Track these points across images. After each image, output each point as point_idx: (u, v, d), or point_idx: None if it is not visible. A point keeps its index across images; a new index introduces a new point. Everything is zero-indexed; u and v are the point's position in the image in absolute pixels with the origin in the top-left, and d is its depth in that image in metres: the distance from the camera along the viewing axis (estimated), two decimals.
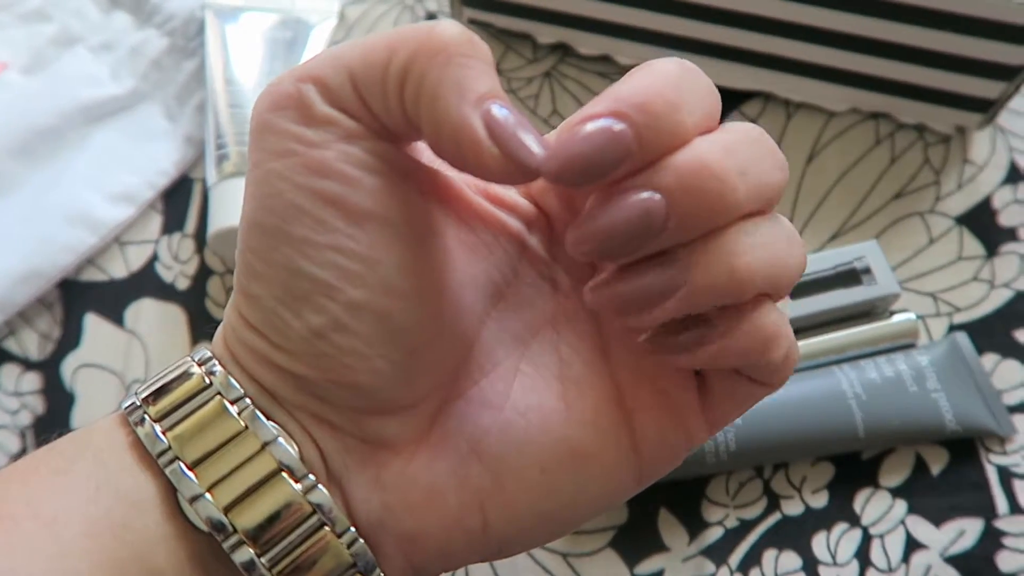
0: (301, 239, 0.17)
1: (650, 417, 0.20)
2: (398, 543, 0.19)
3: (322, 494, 0.18)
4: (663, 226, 0.17)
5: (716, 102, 0.18)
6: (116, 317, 0.36)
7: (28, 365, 0.35)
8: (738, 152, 0.17)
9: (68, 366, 0.35)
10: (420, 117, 0.17)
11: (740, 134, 0.17)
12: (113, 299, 0.36)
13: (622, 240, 0.17)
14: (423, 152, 0.19)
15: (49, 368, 0.35)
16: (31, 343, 0.35)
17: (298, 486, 0.18)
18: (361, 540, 0.18)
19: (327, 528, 0.18)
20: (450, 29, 0.16)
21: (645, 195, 0.17)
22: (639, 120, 0.16)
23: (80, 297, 0.36)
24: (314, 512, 0.18)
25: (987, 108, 0.35)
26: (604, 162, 0.16)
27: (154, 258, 0.37)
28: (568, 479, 0.19)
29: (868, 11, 0.32)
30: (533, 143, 0.16)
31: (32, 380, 0.35)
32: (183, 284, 0.36)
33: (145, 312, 0.36)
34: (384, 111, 0.17)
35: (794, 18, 0.33)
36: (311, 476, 0.18)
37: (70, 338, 0.35)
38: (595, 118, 0.17)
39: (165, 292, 0.36)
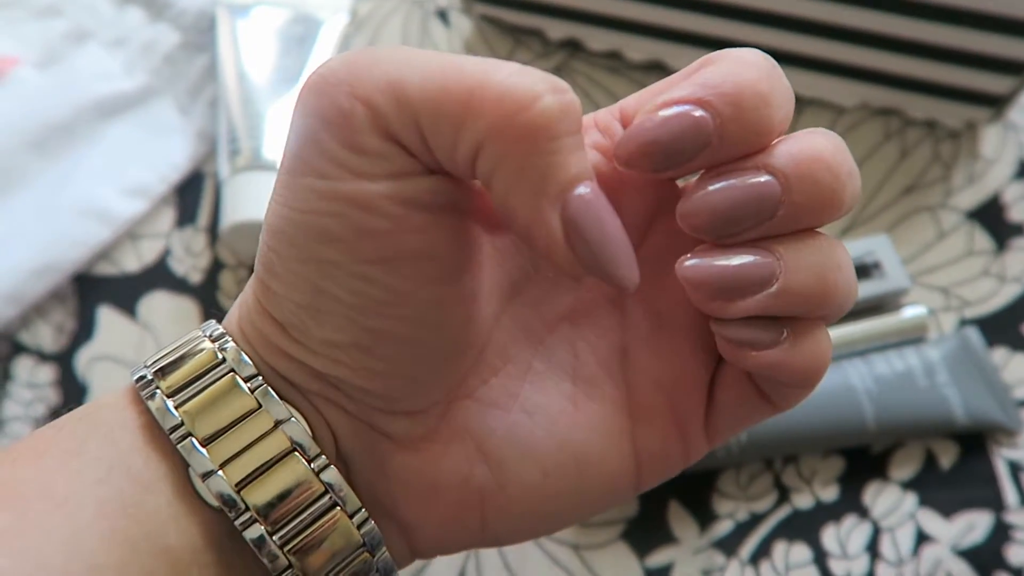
0: (331, 262, 0.16)
1: (655, 426, 0.20)
2: (398, 529, 0.19)
3: (334, 474, 0.18)
4: (774, 211, 0.16)
5: (793, 104, 0.17)
6: (129, 310, 0.36)
7: (42, 357, 0.35)
8: (845, 154, 0.17)
9: (82, 358, 0.35)
10: (491, 190, 0.15)
11: (835, 139, 0.17)
12: (126, 292, 0.36)
13: (732, 218, 0.16)
14: None
15: (63, 360, 0.35)
16: (45, 336, 0.36)
17: (310, 465, 0.18)
18: (371, 521, 0.18)
19: (338, 508, 0.18)
20: (542, 104, 0.15)
21: (760, 178, 0.16)
22: (725, 111, 0.16)
23: (94, 290, 0.36)
24: (326, 492, 0.18)
25: (997, 103, 0.35)
26: (680, 151, 0.16)
27: (167, 252, 0.37)
28: (569, 484, 0.19)
29: (878, 6, 0.32)
30: (613, 250, 0.15)
31: (46, 372, 0.35)
32: (196, 278, 0.36)
33: (158, 305, 0.36)
34: (448, 164, 0.16)
35: (804, 14, 0.34)
36: (323, 456, 0.18)
37: (84, 331, 0.36)
38: (677, 103, 0.16)
39: (178, 285, 0.36)
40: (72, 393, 0.35)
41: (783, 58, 0.36)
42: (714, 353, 0.20)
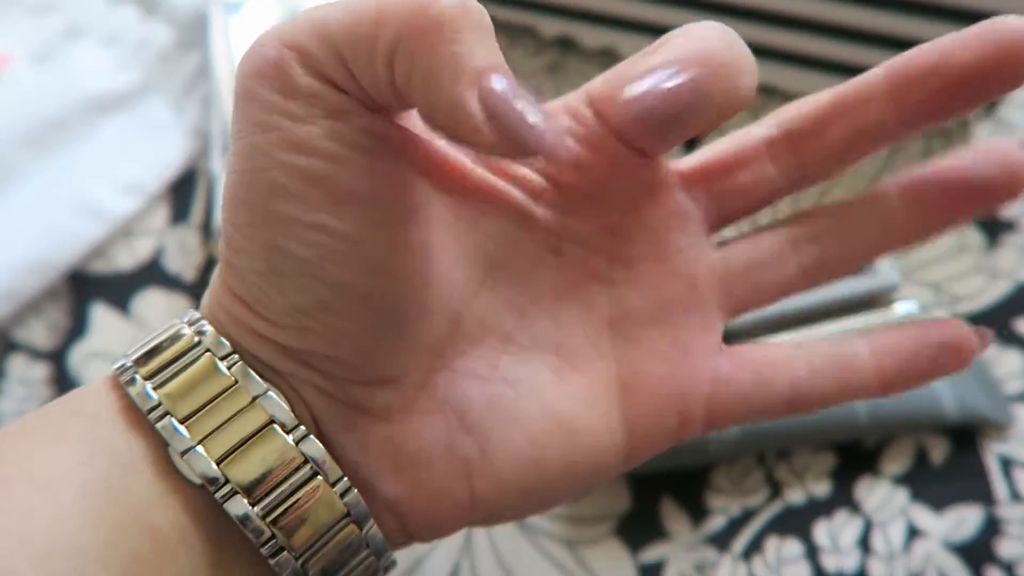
0: (284, 217, 0.17)
1: (649, 399, 0.20)
2: (387, 510, 0.19)
3: (314, 445, 0.18)
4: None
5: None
6: (123, 307, 0.36)
7: (36, 354, 0.35)
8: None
9: (75, 356, 0.35)
10: (413, 95, 0.16)
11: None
12: (120, 290, 0.36)
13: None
14: (416, 121, 0.19)
15: (56, 358, 0.35)
16: (39, 333, 0.36)
17: (289, 437, 0.18)
18: (355, 490, 0.18)
19: (320, 478, 0.18)
20: (443, 1, 0.15)
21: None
22: (699, 76, 0.17)
23: (87, 288, 0.36)
24: (306, 462, 0.18)
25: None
26: (677, 120, 0.17)
27: (160, 249, 0.37)
28: (556, 453, 0.19)
29: (870, 4, 0.33)
30: (533, 119, 0.15)
31: (40, 369, 0.35)
32: (189, 275, 0.36)
33: (152, 303, 0.36)
34: (373, 86, 0.16)
35: (796, 11, 0.34)
36: (302, 427, 0.18)
37: (77, 328, 0.36)
38: (653, 70, 0.17)
39: (171, 283, 0.36)
40: (65, 390, 0.35)
41: (775, 54, 0.36)
42: (715, 328, 0.20)
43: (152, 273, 0.37)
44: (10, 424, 0.18)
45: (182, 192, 0.38)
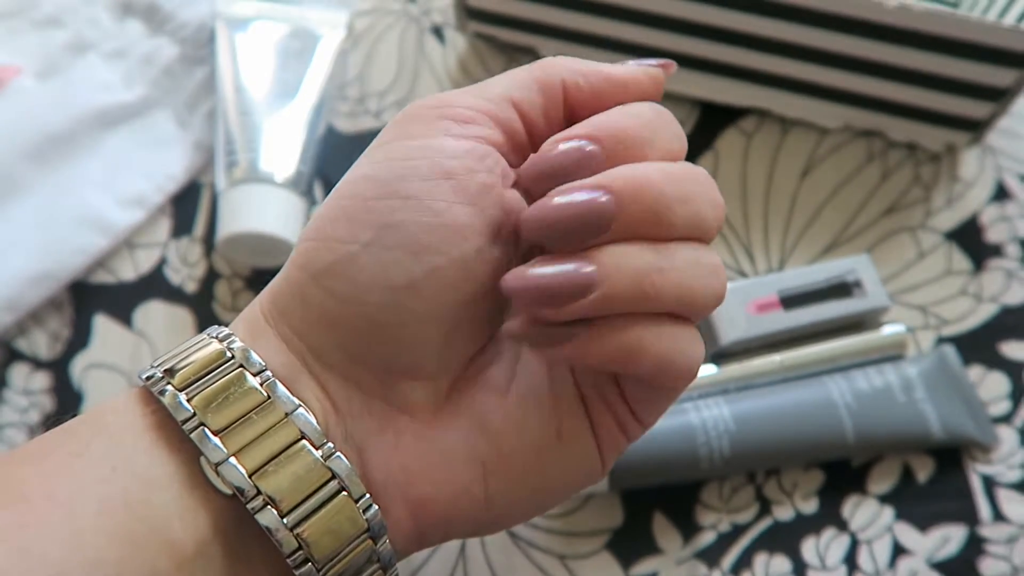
0: (407, 195, 0.19)
1: (599, 417, 0.22)
2: (409, 507, 0.20)
3: (341, 462, 0.19)
4: (608, 224, 0.18)
5: (680, 145, 0.20)
6: (125, 318, 0.36)
7: (38, 364, 0.36)
8: (682, 182, 0.19)
9: (77, 366, 0.36)
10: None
11: (688, 171, 0.20)
12: (122, 301, 0.37)
13: (570, 228, 0.19)
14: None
15: (58, 368, 0.36)
16: (41, 343, 0.36)
17: (318, 453, 0.18)
18: (375, 506, 0.19)
19: (345, 494, 0.19)
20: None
21: (597, 194, 0.19)
22: (609, 145, 0.19)
23: (90, 298, 0.37)
24: (333, 478, 0.18)
25: (976, 128, 0.36)
26: (576, 175, 0.19)
27: (163, 261, 0.37)
28: (556, 459, 0.21)
29: (862, 33, 0.33)
30: None
31: (41, 379, 0.36)
32: (191, 287, 0.37)
33: (154, 314, 0.37)
34: None
35: (791, 38, 0.34)
36: (330, 444, 0.19)
37: (79, 339, 0.36)
38: (571, 139, 0.19)
39: (173, 295, 0.37)
40: (67, 400, 0.35)
41: (770, 80, 0.37)
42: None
43: (154, 285, 0.37)
44: (33, 441, 0.18)
45: (185, 205, 0.39)
